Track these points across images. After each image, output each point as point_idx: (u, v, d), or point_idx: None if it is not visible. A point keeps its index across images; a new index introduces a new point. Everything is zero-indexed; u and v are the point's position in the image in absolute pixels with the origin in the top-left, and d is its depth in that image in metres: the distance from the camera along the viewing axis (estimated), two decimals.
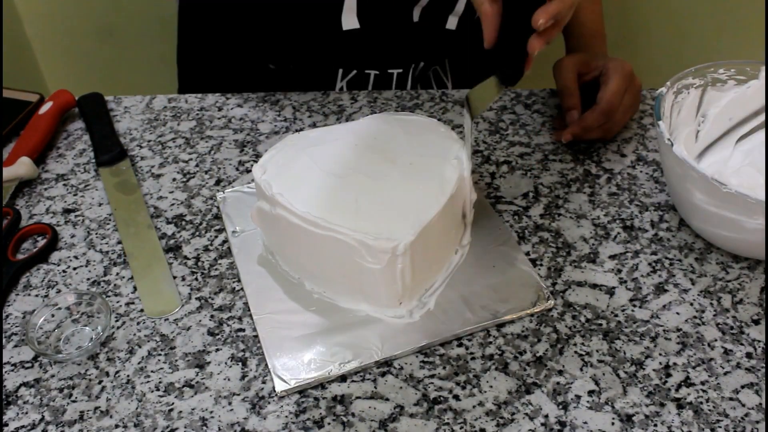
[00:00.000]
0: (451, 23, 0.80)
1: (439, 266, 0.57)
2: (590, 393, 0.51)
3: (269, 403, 0.50)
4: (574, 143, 0.72)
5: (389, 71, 0.83)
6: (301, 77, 0.83)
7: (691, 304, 0.57)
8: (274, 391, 0.51)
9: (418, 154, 0.58)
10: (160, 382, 0.51)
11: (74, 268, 0.60)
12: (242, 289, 0.58)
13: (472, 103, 0.56)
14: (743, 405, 0.50)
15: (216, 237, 0.62)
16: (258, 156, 0.70)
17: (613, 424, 0.49)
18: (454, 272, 0.57)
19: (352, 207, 0.53)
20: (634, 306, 0.57)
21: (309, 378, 0.51)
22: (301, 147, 0.59)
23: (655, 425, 0.49)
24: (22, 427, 0.49)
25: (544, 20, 0.50)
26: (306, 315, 0.55)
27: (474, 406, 0.50)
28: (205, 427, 0.49)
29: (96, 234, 0.63)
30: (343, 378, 0.51)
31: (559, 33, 0.53)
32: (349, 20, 0.76)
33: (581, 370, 0.52)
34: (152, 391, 0.51)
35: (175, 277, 0.59)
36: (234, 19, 0.81)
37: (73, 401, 0.50)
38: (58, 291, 0.58)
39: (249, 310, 0.56)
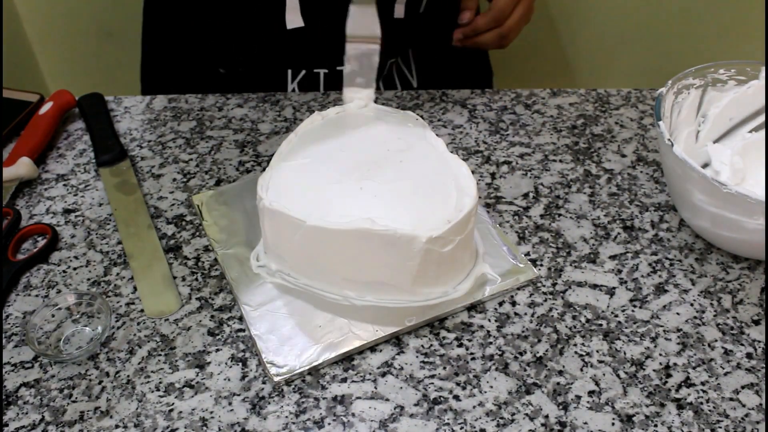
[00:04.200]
0: (399, 12, 0.80)
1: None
2: (590, 393, 0.51)
3: (269, 403, 0.50)
4: (574, 143, 0.72)
5: (338, 69, 0.82)
6: (252, 80, 0.83)
7: (692, 305, 0.57)
8: (274, 389, 0.51)
9: (401, 150, 0.59)
10: (160, 383, 0.51)
11: (74, 269, 0.60)
12: None
13: None
14: (743, 405, 0.50)
15: None
16: (258, 156, 0.70)
17: (613, 424, 0.49)
18: None
19: (378, 206, 0.54)
20: (635, 306, 0.57)
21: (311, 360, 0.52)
22: (291, 168, 0.58)
23: (656, 426, 0.49)
24: (22, 427, 0.49)
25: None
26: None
27: (474, 407, 0.50)
28: (205, 428, 0.49)
29: (96, 234, 0.63)
30: (343, 379, 0.52)
31: None
32: (293, 19, 0.76)
33: (581, 370, 0.52)
34: (152, 392, 0.51)
35: (175, 278, 0.59)
36: (187, 21, 0.83)
37: (74, 401, 0.50)
38: (59, 291, 0.58)
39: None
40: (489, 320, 0.55)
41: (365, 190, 0.55)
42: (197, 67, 0.85)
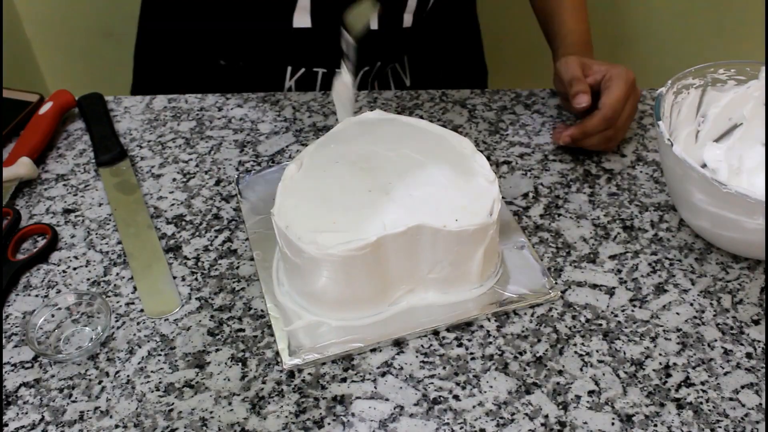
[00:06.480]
0: (407, 21, 0.79)
1: None
2: (590, 393, 0.51)
3: (269, 403, 0.50)
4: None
5: (337, 70, 0.82)
6: (251, 74, 0.82)
7: (691, 305, 0.57)
8: (276, 387, 0.51)
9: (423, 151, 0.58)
10: (160, 383, 0.51)
11: (74, 269, 0.60)
12: (242, 289, 0.58)
13: (349, 24, 0.60)
14: (743, 405, 0.50)
15: (216, 237, 0.62)
16: (258, 156, 0.70)
17: (613, 424, 0.49)
18: None
19: (406, 206, 0.54)
20: (634, 306, 0.57)
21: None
22: (300, 188, 0.56)
23: (655, 425, 0.49)
24: (22, 427, 0.49)
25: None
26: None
27: (474, 406, 0.50)
28: (205, 428, 0.49)
29: (96, 234, 0.63)
30: (343, 379, 0.52)
31: None
32: (301, 19, 0.76)
33: (581, 370, 0.52)
34: (152, 392, 0.51)
35: (175, 278, 0.59)
36: (189, 12, 0.82)
37: (73, 401, 0.50)
38: (58, 291, 0.58)
39: (249, 310, 0.56)
40: (488, 320, 0.55)
41: (395, 195, 0.55)
42: (196, 58, 0.85)
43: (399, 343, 0.54)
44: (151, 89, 0.88)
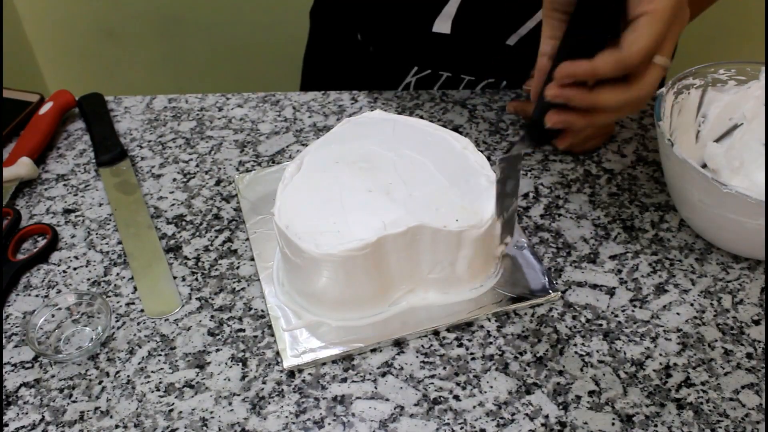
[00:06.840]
0: (512, 40, 0.78)
1: None
2: (590, 393, 0.51)
3: (269, 403, 0.50)
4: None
5: (462, 76, 0.82)
6: (377, 60, 0.84)
7: (692, 305, 0.57)
8: (276, 386, 0.51)
9: (422, 151, 0.58)
10: (160, 383, 0.51)
11: (74, 269, 0.60)
12: (243, 289, 0.58)
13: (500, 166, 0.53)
14: (743, 405, 0.50)
15: (216, 237, 0.62)
16: (258, 156, 0.70)
17: (613, 424, 0.49)
18: None
19: (405, 205, 0.54)
20: (635, 306, 0.57)
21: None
22: (300, 188, 0.56)
23: (656, 426, 0.49)
24: (23, 427, 0.49)
25: (551, 94, 0.46)
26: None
27: (474, 407, 0.50)
28: (205, 428, 0.49)
29: (96, 234, 0.63)
30: (343, 379, 0.52)
31: (585, 126, 0.48)
32: (441, 25, 0.76)
33: (581, 370, 0.52)
34: (152, 392, 0.51)
35: (175, 278, 0.59)
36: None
37: (74, 401, 0.50)
38: (59, 291, 0.58)
39: (250, 310, 0.56)
40: (489, 320, 0.55)
41: (395, 195, 0.54)
42: (337, 28, 0.88)
43: (399, 344, 0.54)
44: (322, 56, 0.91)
